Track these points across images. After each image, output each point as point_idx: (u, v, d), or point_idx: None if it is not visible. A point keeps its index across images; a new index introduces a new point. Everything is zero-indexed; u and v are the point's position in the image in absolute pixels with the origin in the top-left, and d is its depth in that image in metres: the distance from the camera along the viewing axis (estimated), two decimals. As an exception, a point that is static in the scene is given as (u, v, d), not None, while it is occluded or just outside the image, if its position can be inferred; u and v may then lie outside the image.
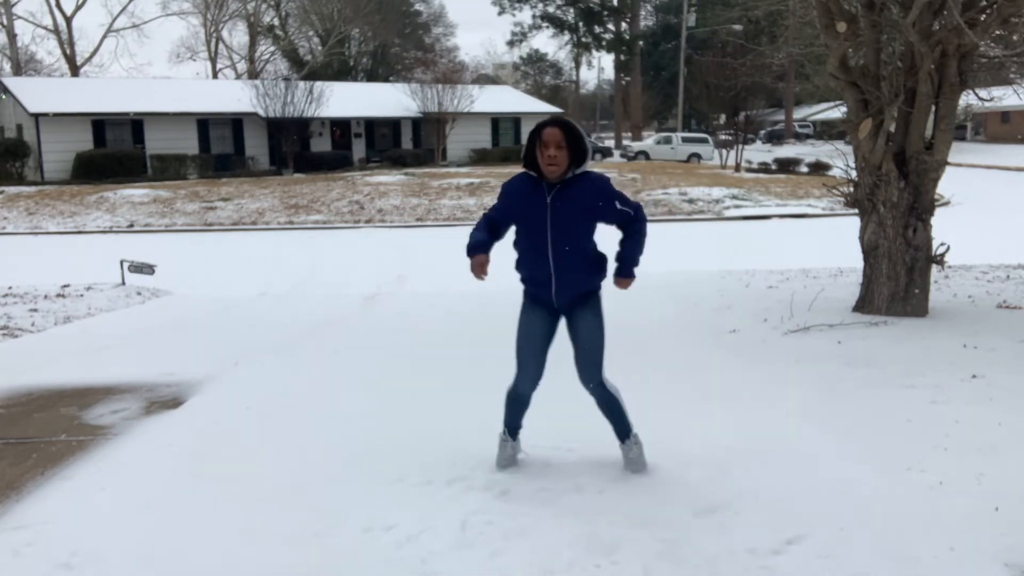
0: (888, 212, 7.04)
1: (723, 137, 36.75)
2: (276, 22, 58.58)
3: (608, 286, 3.74)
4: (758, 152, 41.88)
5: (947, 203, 11.01)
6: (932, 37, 6.67)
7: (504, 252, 3.87)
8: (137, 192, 24.40)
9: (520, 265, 3.71)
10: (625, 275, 3.69)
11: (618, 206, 3.54)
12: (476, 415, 4.76)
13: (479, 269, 3.58)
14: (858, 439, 4.17)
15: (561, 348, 3.84)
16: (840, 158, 8.28)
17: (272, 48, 58.86)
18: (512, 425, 3.90)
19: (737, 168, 33.20)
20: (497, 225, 3.71)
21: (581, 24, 62.16)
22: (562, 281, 3.59)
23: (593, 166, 3.79)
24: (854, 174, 7.54)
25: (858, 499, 3.45)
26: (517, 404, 3.86)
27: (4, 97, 32.37)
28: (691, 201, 22.97)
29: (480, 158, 36.73)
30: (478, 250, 3.61)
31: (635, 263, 3.68)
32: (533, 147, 3.47)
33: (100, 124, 31.01)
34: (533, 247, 3.59)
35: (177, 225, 20.78)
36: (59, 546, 3.24)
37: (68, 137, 30.18)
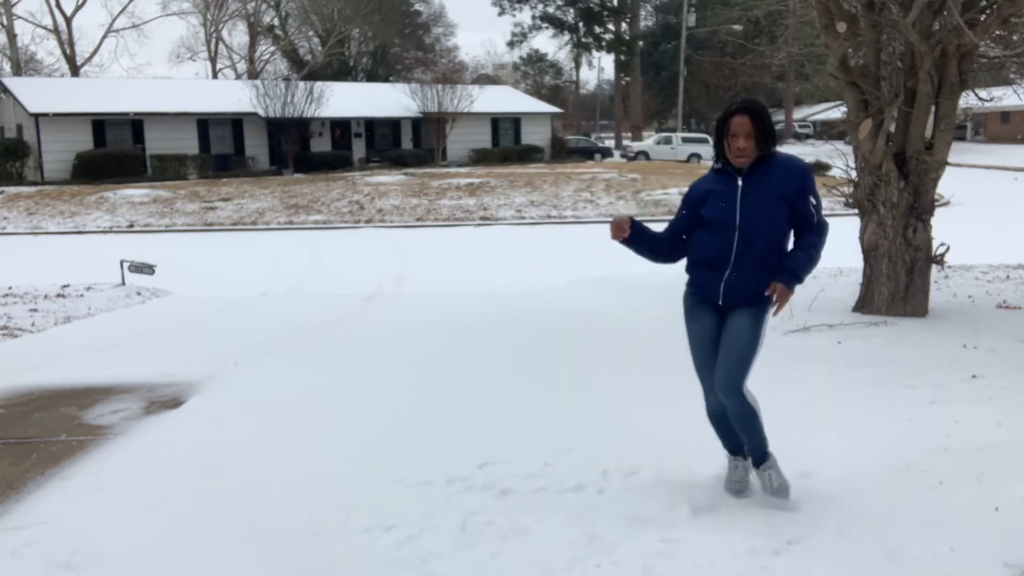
0: (888, 212, 7.03)
1: (723, 137, 36.69)
2: (276, 22, 58.61)
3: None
4: (758, 152, 41.80)
5: (947, 203, 11.02)
6: (932, 37, 6.67)
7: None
8: (137, 192, 24.40)
9: (697, 248, 3.41)
10: (780, 280, 3.22)
11: (812, 202, 3.26)
12: (477, 415, 4.77)
13: (619, 225, 3.35)
14: (858, 439, 4.17)
15: (563, 348, 3.84)
16: (840, 158, 8.28)
17: (272, 48, 58.90)
18: (731, 447, 3.57)
19: (737, 168, 33.13)
20: (679, 232, 3.44)
21: (581, 24, 62.14)
22: (739, 267, 3.28)
23: (592, 166, 3.74)
24: (854, 174, 7.54)
25: (858, 499, 3.45)
26: (718, 422, 3.55)
27: (4, 97, 32.37)
28: (691, 201, 22.95)
29: (480, 158, 36.71)
30: (637, 224, 3.42)
31: (795, 274, 3.24)
32: (722, 136, 3.27)
33: (100, 124, 31.02)
34: (720, 228, 3.29)
35: (177, 225, 20.78)
36: (59, 546, 3.24)
37: (68, 137, 30.18)
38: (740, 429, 3.43)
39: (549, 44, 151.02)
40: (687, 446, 4.11)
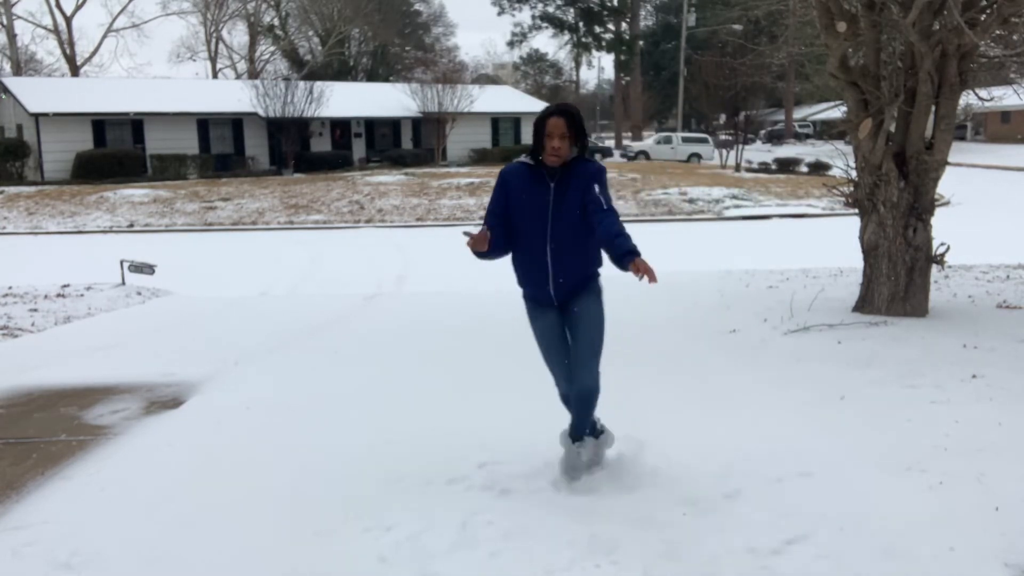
0: (888, 212, 7.03)
1: (723, 137, 36.74)
2: (276, 22, 58.61)
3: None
4: (758, 152, 41.87)
5: (947, 203, 11.00)
6: (932, 37, 6.67)
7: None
8: (137, 192, 24.40)
9: (519, 265, 3.63)
10: (632, 259, 3.20)
11: (596, 190, 3.42)
12: (476, 414, 4.77)
13: (481, 239, 3.39)
14: (858, 439, 4.17)
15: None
16: (840, 158, 8.27)
17: (272, 48, 58.91)
18: (576, 433, 3.76)
19: (737, 168, 33.20)
20: (504, 224, 3.54)
21: (581, 24, 62.18)
22: (559, 271, 3.52)
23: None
24: (854, 174, 7.54)
25: (858, 499, 3.45)
26: (569, 407, 3.76)
27: (4, 97, 32.37)
28: (691, 201, 22.97)
29: (480, 158, 36.71)
30: (489, 228, 3.46)
31: (635, 250, 3.24)
32: (540, 136, 3.44)
33: (100, 124, 31.00)
34: (531, 235, 3.52)
35: (177, 225, 20.78)
36: (59, 546, 3.24)
37: (68, 137, 30.17)
38: (583, 408, 3.63)
39: (549, 44, 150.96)
40: (687, 446, 4.11)
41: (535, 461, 3.94)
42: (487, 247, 3.44)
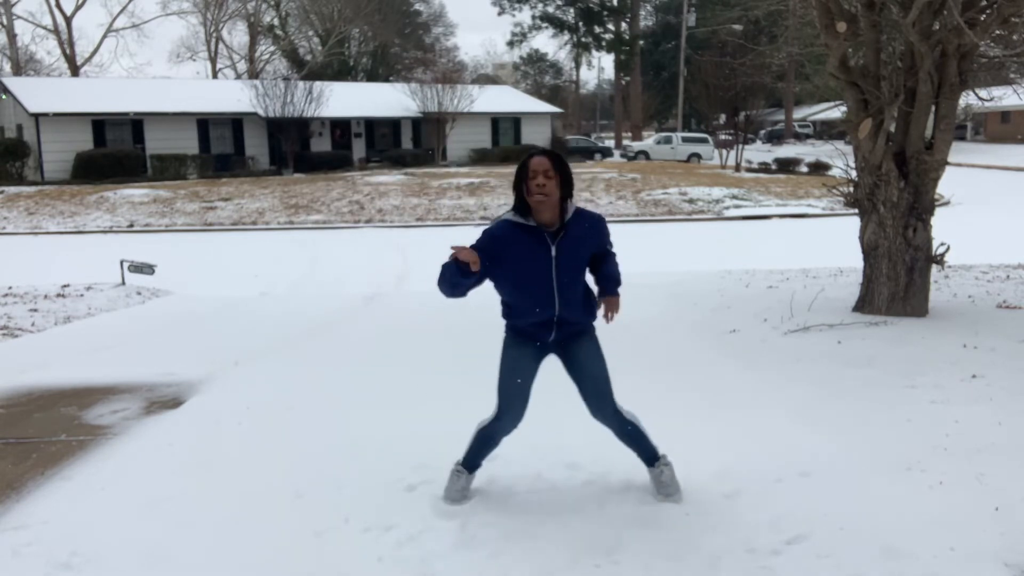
0: (888, 212, 7.03)
1: (723, 137, 36.74)
2: (276, 22, 58.62)
3: (629, 286, 3.64)
4: (758, 152, 41.88)
5: (947, 203, 11.01)
6: (932, 37, 6.67)
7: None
8: (137, 192, 24.39)
9: (515, 314, 3.42)
10: (612, 293, 3.51)
11: (605, 244, 3.48)
12: (476, 415, 4.77)
13: (471, 256, 3.18)
14: (858, 439, 4.17)
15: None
16: (840, 158, 8.27)
17: (272, 48, 58.91)
18: (473, 462, 3.61)
19: (737, 168, 33.20)
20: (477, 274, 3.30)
21: (581, 24, 62.19)
22: (564, 323, 3.37)
23: (592, 166, 3.74)
24: (854, 174, 7.54)
25: (858, 499, 3.45)
26: (490, 444, 3.58)
27: (4, 97, 32.38)
28: (691, 201, 22.96)
29: (480, 158, 36.73)
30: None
31: (619, 281, 3.55)
32: (521, 182, 3.25)
33: (100, 124, 31.01)
34: (535, 298, 3.31)
35: (177, 225, 20.78)
36: (59, 546, 3.24)
37: (68, 137, 30.18)
38: (630, 442, 3.56)
39: (549, 44, 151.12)
40: (685, 446, 4.11)
41: (536, 461, 3.94)
42: (476, 269, 3.19)
